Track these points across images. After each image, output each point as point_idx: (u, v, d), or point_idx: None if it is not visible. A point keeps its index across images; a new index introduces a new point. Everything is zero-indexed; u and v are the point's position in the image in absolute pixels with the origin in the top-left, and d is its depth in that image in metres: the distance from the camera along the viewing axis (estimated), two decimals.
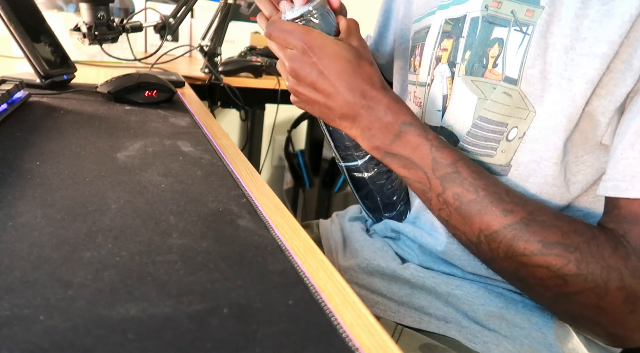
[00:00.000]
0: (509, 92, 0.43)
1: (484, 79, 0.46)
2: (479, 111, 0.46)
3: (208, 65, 1.15)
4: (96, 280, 0.24)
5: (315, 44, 0.44)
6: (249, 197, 0.38)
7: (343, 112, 0.45)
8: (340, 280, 0.27)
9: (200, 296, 0.24)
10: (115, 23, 0.88)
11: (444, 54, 0.51)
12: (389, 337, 0.23)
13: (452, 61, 0.50)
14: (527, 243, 0.38)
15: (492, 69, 0.45)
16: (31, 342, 0.19)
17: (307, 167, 1.71)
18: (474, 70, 0.46)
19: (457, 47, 0.49)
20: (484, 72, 0.46)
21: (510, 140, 0.44)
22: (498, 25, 0.45)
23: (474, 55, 0.47)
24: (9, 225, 0.28)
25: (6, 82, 0.58)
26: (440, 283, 0.49)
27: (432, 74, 0.53)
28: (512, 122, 0.44)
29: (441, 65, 0.51)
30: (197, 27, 1.53)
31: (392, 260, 0.53)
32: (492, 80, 0.45)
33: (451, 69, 0.50)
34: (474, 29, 0.47)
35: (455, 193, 0.41)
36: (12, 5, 0.64)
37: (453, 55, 0.50)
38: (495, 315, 0.46)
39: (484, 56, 0.46)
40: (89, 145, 0.46)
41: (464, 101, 0.47)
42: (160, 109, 0.67)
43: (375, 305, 0.52)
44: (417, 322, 0.49)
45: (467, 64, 0.47)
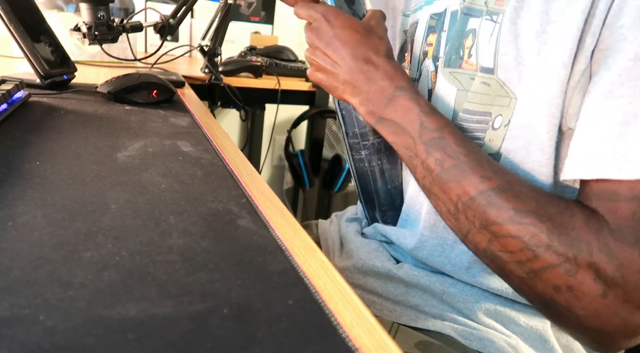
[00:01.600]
0: (487, 81, 0.44)
1: (461, 70, 0.47)
2: (460, 103, 0.46)
3: (208, 65, 1.15)
4: (96, 280, 0.24)
5: (331, 15, 0.48)
6: (249, 197, 0.38)
7: (346, 78, 0.48)
8: (340, 281, 0.27)
9: (200, 296, 0.24)
10: (115, 23, 0.88)
11: (429, 49, 0.52)
12: (389, 337, 0.23)
13: (435, 55, 0.51)
14: (500, 211, 0.38)
15: (468, 59, 0.46)
16: (31, 342, 0.19)
17: (307, 167, 1.71)
18: (451, 62, 0.47)
19: (439, 41, 0.50)
20: (461, 63, 0.47)
21: (496, 129, 0.44)
22: (473, 16, 0.46)
23: (451, 47, 0.48)
24: (9, 225, 0.28)
25: (6, 82, 0.58)
26: (435, 281, 0.49)
27: (420, 69, 0.54)
28: (495, 110, 0.44)
29: (427, 60, 0.52)
30: (197, 27, 1.53)
31: (387, 260, 0.54)
32: (469, 71, 0.46)
33: (435, 63, 0.51)
34: (453, 23, 0.49)
35: (438, 159, 0.42)
36: (12, 5, 0.64)
37: (436, 50, 0.51)
38: (490, 312, 0.47)
39: (460, 47, 0.47)
40: (89, 145, 0.46)
41: (444, 93, 0.48)
42: (160, 109, 0.67)
43: (371, 305, 0.52)
44: (413, 320, 0.49)
45: (446, 56, 0.48)
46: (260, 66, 1.24)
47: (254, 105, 1.31)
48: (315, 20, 0.49)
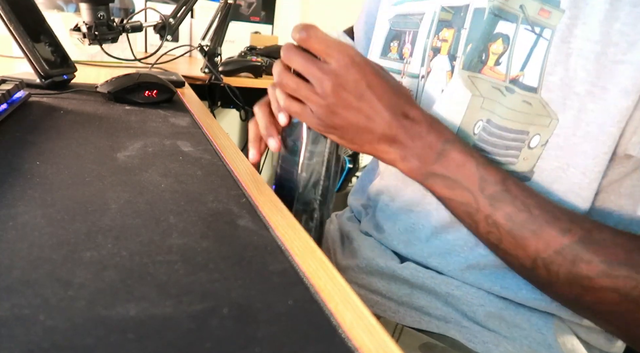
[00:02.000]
0: (529, 101, 0.40)
1: (481, 75, 0.43)
2: (474, 109, 0.44)
3: (208, 65, 1.15)
4: (96, 280, 0.24)
5: (360, 59, 0.41)
6: (248, 197, 0.38)
7: (384, 133, 0.41)
8: (340, 280, 0.27)
9: (200, 296, 0.24)
10: (115, 23, 0.88)
11: (443, 45, 0.48)
12: (389, 337, 0.23)
13: (452, 54, 0.47)
14: (590, 265, 0.35)
15: (494, 66, 0.42)
16: (31, 342, 0.19)
17: None
18: (472, 65, 0.44)
19: (458, 38, 0.46)
20: (482, 68, 0.43)
21: (532, 148, 0.42)
22: (504, 19, 0.42)
23: (474, 49, 0.44)
24: (9, 225, 0.28)
25: (6, 82, 0.58)
26: (440, 283, 0.49)
27: (429, 66, 0.49)
28: (533, 129, 0.41)
29: (440, 57, 0.48)
30: (197, 27, 1.53)
31: (391, 259, 0.53)
32: (492, 79, 0.43)
33: (451, 62, 0.47)
34: (478, 21, 0.45)
35: (507, 214, 0.38)
36: (12, 5, 0.64)
37: (454, 48, 0.47)
38: (495, 316, 0.46)
39: (485, 51, 0.43)
40: (89, 145, 0.46)
41: (457, 96, 0.45)
42: (160, 109, 0.67)
43: (375, 305, 0.52)
44: (417, 321, 0.49)
45: (466, 57, 0.45)
46: (260, 66, 1.24)
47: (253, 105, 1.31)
48: (339, 61, 0.40)
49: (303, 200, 0.49)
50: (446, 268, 0.48)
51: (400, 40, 0.54)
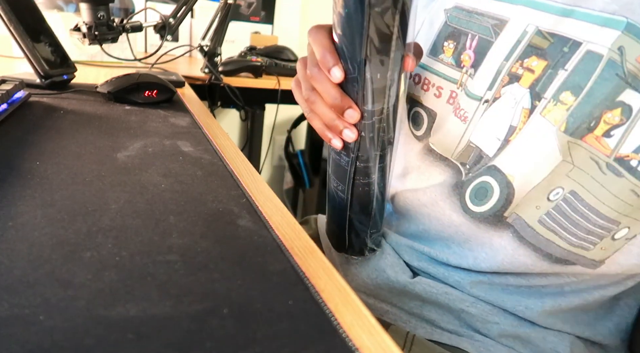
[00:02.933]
0: (638, 192, 0.36)
1: (581, 142, 0.37)
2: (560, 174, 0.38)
3: (208, 65, 1.15)
4: (96, 280, 0.24)
5: None
6: (249, 197, 0.38)
7: None
8: (340, 280, 0.27)
9: (200, 296, 0.24)
10: (115, 23, 0.88)
11: (526, 75, 0.40)
12: (389, 337, 0.23)
13: (536, 91, 0.39)
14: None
15: (601, 137, 0.36)
16: (31, 342, 0.19)
17: (307, 167, 1.71)
18: (576, 131, 0.37)
19: (551, 77, 0.38)
20: (586, 135, 0.37)
21: (615, 240, 0.38)
22: (633, 89, 0.35)
23: (587, 114, 0.36)
24: (9, 225, 0.28)
25: (6, 82, 0.58)
26: (455, 299, 0.46)
27: (498, 91, 0.41)
28: (625, 221, 0.37)
29: (518, 88, 0.40)
30: (197, 27, 1.53)
31: (402, 272, 0.49)
32: (593, 149, 0.36)
33: (533, 100, 0.39)
34: (586, 69, 0.36)
35: None
36: (12, 5, 0.64)
37: (541, 85, 0.39)
38: (509, 334, 0.45)
39: (597, 118, 0.36)
40: (89, 145, 0.46)
41: (544, 154, 0.38)
42: (160, 109, 0.67)
43: (385, 314, 0.50)
44: (429, 333, 0.47)
45: (573, 121, 0.37)
46: (260, 66, 1.24)
47: (253, 105, 1.31)
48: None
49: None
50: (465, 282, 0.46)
51: (459, 42, 0.45)
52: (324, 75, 0.36)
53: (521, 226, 0.41)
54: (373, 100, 0.36)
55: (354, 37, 0.34)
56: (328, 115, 0.38)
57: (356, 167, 0.41)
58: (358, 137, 0.38)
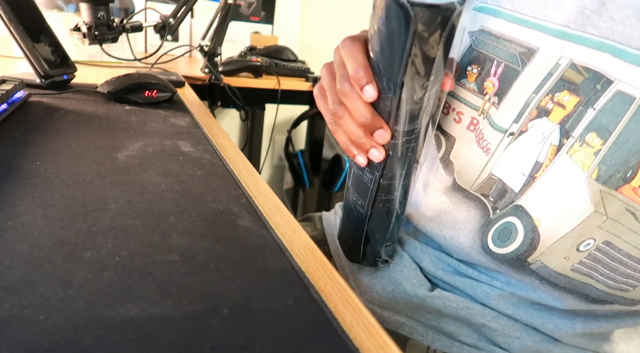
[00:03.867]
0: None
1: (616, 193, 0.34)
2: (592, 225, 0.36)
3: (208, 65, 1.15)
4: (96, 280, 0.24)
5: None
6: (249, 197, 0.37)
7: None
8: (340, 280, 0.27)
9: (200, 296, 0.24)
10: (115, 23, 0.88)
11: (556, 110, 0.37)
12: (389, 337, 0.23)
13: (566, 129, 0.36)
14: None
15: (639, 188, 0.34)
16: (31, 342, 0.19)
17: (307, 167, 1.71)
18: (610, 181, 0.34)
19: (581, 114, 0.35)
20: (622, 186, 0.34)
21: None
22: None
23: (622, 162, 0.34)
24: (9, 225, 0.28)
25: (6, 82, 0.58)
26: (475, 314, 0.44)
27: (526, 125, 0.39)
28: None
29: (547, 122, 0.37)
30: (197, 27, 1.53)
31: (420, 285, 0.47)
32: (629, 200, 0.34)
33: (561, 138, 0.36)
34: (615, 110, 0.34)
35: None
36: (12, 5, 0.64)
37: (571, 123, 0.36)
38: (532, 350, 0.44)
39: (634, 168, 0.33)
40: (89, 145, 0.46)
41: (573, 201, 0.36)
42: (160, 109, 0.67)
43: (400, 327, 0.48)
44: (448, 346, 0.46)
45: (607, 169, 0.34)
46: (260, 66, 1.24)
47: (254, 105, 1.31)
48: None
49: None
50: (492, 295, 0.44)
51: (483, 68, 0.42)
52: (355, 92, 0.35)
53: (548, 274, 0.39)
54: (406, 121, 0.35)
55: (394, 56, 0.32)
56: (356, 132, 0.36)
57: (379, 185, 0.40)
58: (385, 156, 0.37)
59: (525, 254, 0.39)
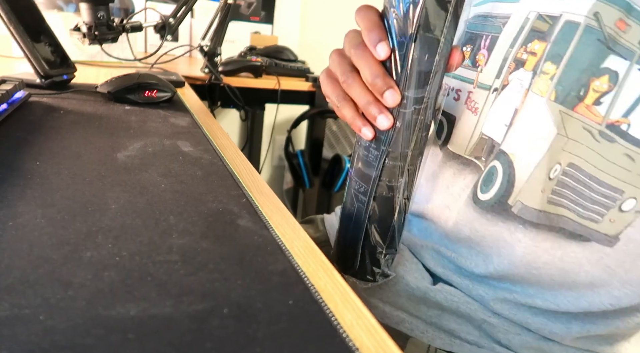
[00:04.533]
0: (633, 156, 0.36)
1: (573, 112, 0.38)
2: (557, 150, 0.39)
3: (208, 65, 1.15)
4: (96, 280, 0.24)
5: None
6: (249, 197, 0.38)
7: None
8: (340, 280, 0.27)
9: (200, 296, 0.24)
10: (115, 23, 0.88)
11: (530, 59, 0.41)
12: (389, 337, 0.23)
13: (534, 70, 0.40)
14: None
15: (592, 105, 0.37)
16: (31, 342, 0.19)
17: (307, 167, 1.71)
18: (566, 100, 0.38)
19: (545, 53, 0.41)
20: (577, 105, 0.37)
21: (623, 211, 0.38)
22: (616, 54, 0.36)
23: (574, 81, 0.37)
24: (9, 225, 0.28)
25: (6, 82, 0.58)
26: (477, 309, 0.45)
27: (506, 78, 0.42)
28: (630, 191, 0.37)
29: (523, 72, 0.41)
30: (197, 27, 1.53)
31: (422, 278, 0.48)
32: (584, 118, 0.37)
33: (531, 79, 0.41)
34: (565, 38, 0.38)
35: None
36: (12, 5, 0.64)
37: (539, 64, 0.40)
38: (532, 346, 0.44)
39: (585, 86, 0.37)
40: (89, 145, 0.46)
41: (540, 131, 0.39)
42: (160, 109, 0.67)
43: (400, 323, 0.48)
44: (448, 344, 0.46)
45: (562, 88, 0.38)
46: (260, 66, 1.24)
47: (254, 105, 1.31)
48: None
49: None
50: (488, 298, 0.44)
51: (475, 44, 0.47)
52: (368, 51, 0.35)
53: (530, 215, 0.40)
54: (416, 85, 0.34)
55: (408, 7, 0.32)
56: (364, 97, 0.36)
57: (384, 165, 0.38)
58: (393, 125, 0.36)
59: (505, 195, 0.41)
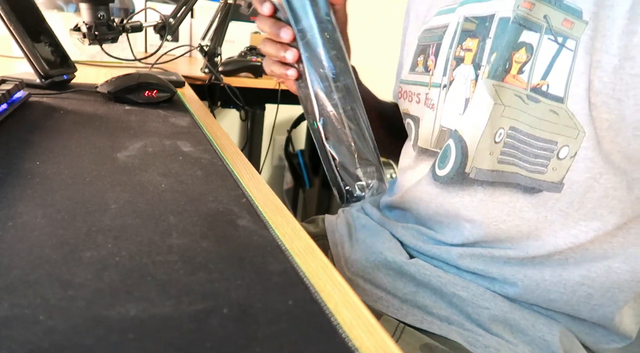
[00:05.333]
0: (556, 110, 0.41)
1: (503, 83, 0.44)
2: (496, 119, 0.44)
3: (208, 65, 1.15)
4: (96, 280, 0.24)
5: None
6: (249, 197, 0.38)
7: None
8: (340, 280, 0.27)
9: (200, 296, 0.24)
10: (115, 23, 0.88)
11: (467, 55, 0.49)
12: (389, 336, 0.23)
13: (477, 63, 0.47)
14: None
15: (517, 75, 0.43)
16: (31, 342, 0.19)
17: (307, 167, 1.71)
18: (496, 74, 0.45)
19: (483, 48, 0.47)
20: (505, 77, 0.44)
21: (561, 159, 0.42)
22: (528, 29, 0.43)
23: (499, 57, 0.44)
24: (9, 225, 0.28)
25: (6, 82, 0.58)
26: (447, 283, 0.49)
27: (451, 75, 0.50)
28: (562, 140, 0.42)
29: (464, 66, 0.49)
30: (197, 27, 1.53)
31: (399, 254, 0.53)
32: (514, 87, 0.43)
33: (476, 71, 0.48)
34: (502, 30, 0.45)
35: None
36: (12, 5, 0.64)
37: (478, 57, 0.47)
38: (499, 320, 0.46)
39: (508, 60, 0.44)
40: (89, 145, 0.46)
41: (481, 105, 0.45)
42: (160, 109, 0.67)
43: (378, 301, 0.52)
44: (420, 321, 0.49)
45: (491, 66, 0.45)
46: (260, 66, 1.24)
47: (254, 105, 1.31)
48: None
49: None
50: (454, 253, 0.49)
51: (426, 53, 0.55)
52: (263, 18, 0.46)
53: (484, 175, 0.47)
54: (295, 19, 0.43)
55: None
56: (273, 49, 0.45)
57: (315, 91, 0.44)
58: (298, 55, 0.44)
59: (462, 166, 0.48)
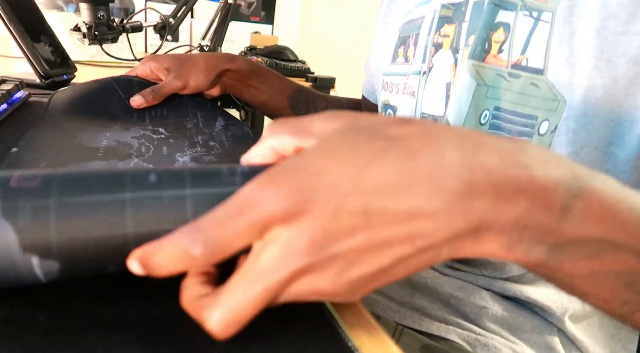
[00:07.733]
0: (536, 83, 0.42)
1: (484, 64, 0.45)
2: (479, 99, 0.45)
3: None
4: (96, 280, 0.24)
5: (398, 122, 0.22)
6: None
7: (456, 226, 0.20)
8: None
9: None
10: (115, 23, 0.88)
11: (445, 41, 0.50)
12: (389, 336, 0.23)
13: (455, 47, 0.48)
14: None
15: (497, 54, 0.44)
16: (31, 342, 0.19)
17: None
18: (475, 55, 0.45)
19: (459, 32, 0.48)
20: (486, 57, 0.45)
21: (542, 135, 0.42)
22: (504, 9, 0.44)
23: (477, 38, 0.46)
24: None
25: (6, 82, 0.58)
26: (443, 284, 0.48)
27: (430, 61, 0.51)
28: (541, 114, 0.42)
29: (443, 52, 0.50)
30: (197, 27, 1.53)
31: None
32: (495, 66, 0.44)
33: (454, 55, 0.49)
34: (478, 13, 0.46)
35: None
36: (12, 5, 0.64)
37: (456, 41, 0.48)
38: (497, 318, 0.46)
39: (487, 40, 0.45)
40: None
41: (463, 87, 0.46)
42: None
43: (375, 304, 0.51)
44: (418, 323, 0.48)
45: (471, 48, 0.46)
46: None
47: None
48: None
49: None
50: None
51: (406, 44, 0.57)
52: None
53: None
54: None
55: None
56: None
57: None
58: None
59: None
